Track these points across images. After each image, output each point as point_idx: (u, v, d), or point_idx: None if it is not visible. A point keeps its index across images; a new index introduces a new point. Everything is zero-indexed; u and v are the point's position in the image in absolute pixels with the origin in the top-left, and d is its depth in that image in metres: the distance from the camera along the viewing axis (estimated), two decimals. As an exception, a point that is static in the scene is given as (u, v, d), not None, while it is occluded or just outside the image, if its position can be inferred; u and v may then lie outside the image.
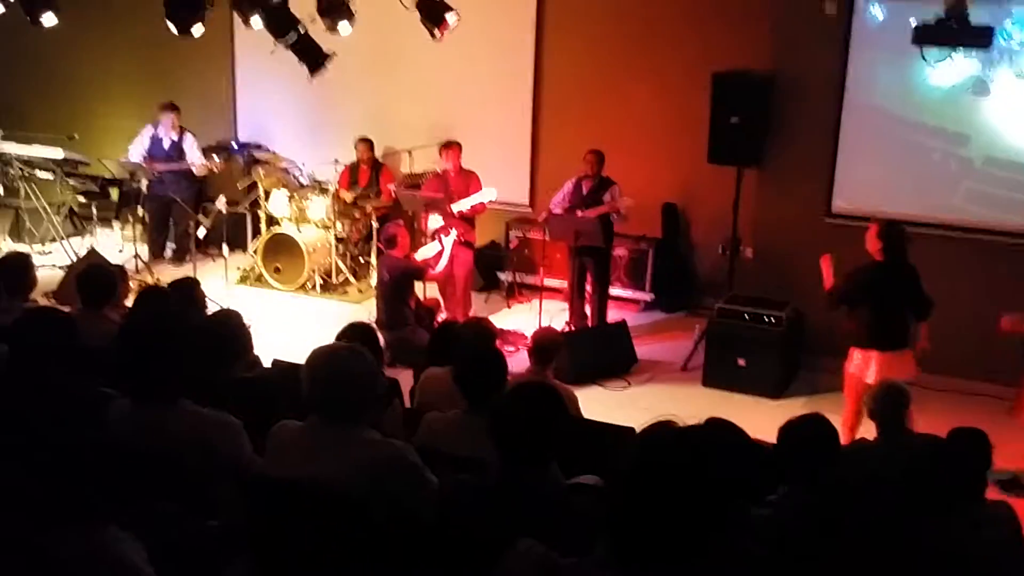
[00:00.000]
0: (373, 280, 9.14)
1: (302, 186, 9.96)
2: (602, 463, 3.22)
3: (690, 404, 7.25)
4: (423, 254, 8.38)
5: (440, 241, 8.48)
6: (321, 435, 3.16)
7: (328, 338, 3.98)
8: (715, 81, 8.16)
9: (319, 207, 9.61)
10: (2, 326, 3.75)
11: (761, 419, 3.03)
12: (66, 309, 4.96)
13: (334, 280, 9.65)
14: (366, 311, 8.57)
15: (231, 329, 4.20)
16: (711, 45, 8.79)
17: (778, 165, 8.35)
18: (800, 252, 7.48)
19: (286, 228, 9.56)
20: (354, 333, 4.54)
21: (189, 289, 5.16)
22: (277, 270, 9.58)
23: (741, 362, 7.56)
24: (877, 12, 7.92)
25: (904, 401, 4.81)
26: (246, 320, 4.38)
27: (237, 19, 6.85)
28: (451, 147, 8.57)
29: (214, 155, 10.07)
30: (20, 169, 10.10)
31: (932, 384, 6.81)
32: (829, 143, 8.15)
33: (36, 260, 6.31)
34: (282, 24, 6.11)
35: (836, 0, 7.88)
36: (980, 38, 6.19)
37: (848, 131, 8.10)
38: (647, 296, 9.39)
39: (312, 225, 9.65)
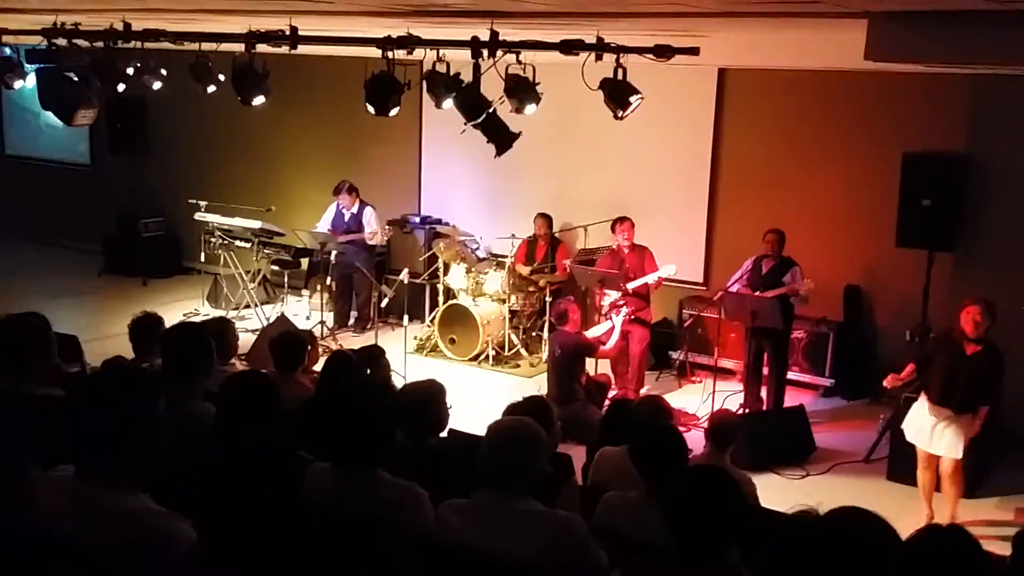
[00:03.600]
0: (544, 354, 9.21)
1: (479, 260, 10.21)
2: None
3: (874, 499, 6.86)
4: (595, 331, 8.39)
5: (611, 319, 8.48)
6: (490, 507, 3.19)
7: (499, 410, 4.02)
8: (905, 161, 7.90)
9: (495, 281, 9.81)
10: (209, 391, 3.97)
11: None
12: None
13: (506, 353, 9.78)
14: (537, 385, 8.61)
15: (436, 404, 4.27)
16: (900, 124, 8.54)
17: (974, 250, 7.95)
18: (998, 343, 7.04)
19: (462, 300, 9.80)
20: (528, 407, 4.56)
21: (375, 357, 5.32)
22: (452, 341, 9.80)
23: (930, 456, 7.12)
24: (1085, 91, 7.50)
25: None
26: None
27: (426, 99, 7.15)
28: (624, 222, 8.62)
29: (387, 226, 10.48)
30: (221, 238, 10.81)
31: None
32: (1030, 228, 7.70)
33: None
34: (473, 105, 6.33)
35: (1039, 80, 7.51)
36: None
37: (1051, 216, 7.64)
38: (826, 381, 9.05)
39: (487, 298, 9.85)
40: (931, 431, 6.46)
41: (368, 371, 4.99)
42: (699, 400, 8.47)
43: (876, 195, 8.48)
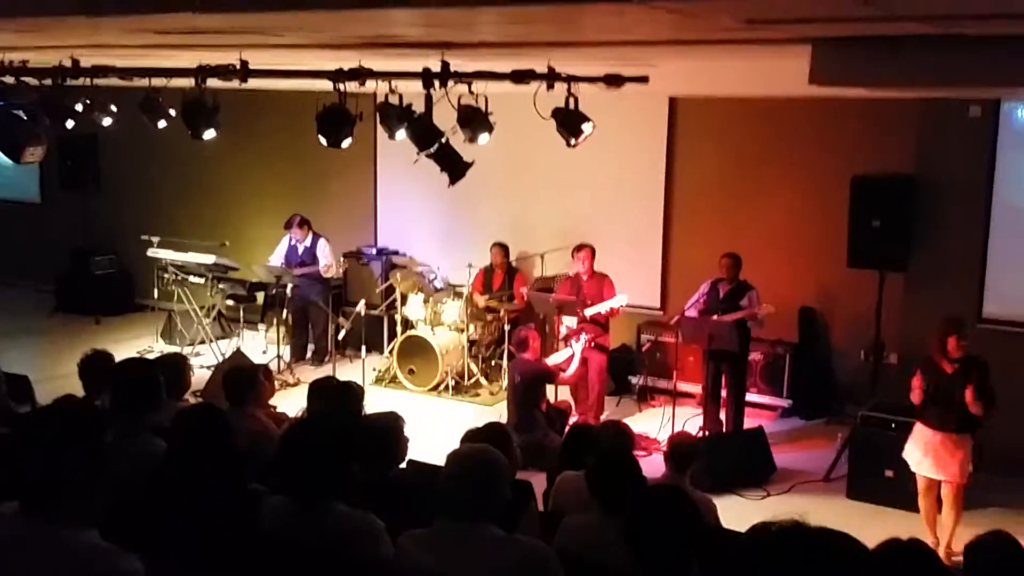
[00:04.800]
0: (504, 383, 9.19)
1: (437, 290, 10.19)
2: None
3: (835, 517, 6.90)
4: (555, 359, 8.40)
5: (571, 345, 8.49)
6: (451, 535, 3.17)
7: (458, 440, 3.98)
8: (854, 184, 8.05)
9: (453, 310, 9.80)
10: (161, 426, 3.92)
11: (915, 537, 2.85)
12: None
13: (466, 382, 9.75)
14: (497, 413, 8.59)
15: (394, 435, 4.23)
16: (849, 148, 8.70)
17: (924, 269, 8.10)
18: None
19: (421, 330, 9.77)
20: (486, 434, 4.54)
21: (357, 396, 5.22)
22: (411, 371, 9.75)
23: (889, 473, 7.19)
24: (1024, 113, 7.71)
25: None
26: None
27: (380, 130, 7.16)
28: (583, 249, 8.66)
29: (342, 258, 10.42)
30: (174, 274, 10.69)
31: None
32: (978, 246, 7.88)
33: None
34: (426, 136, 6.34)
35: (981, 103, 7.71)
36: None
37: (998, 234, 7.83)
38: (784, 402, 9.12)
39: (446, 328, 9.83)
40: (934, 457, 6.42)
41: (343, 407, 4.91)
42: (659, 424, 8.50)
43: (827, 217, 8.61)
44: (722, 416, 8.34)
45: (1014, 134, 7.76)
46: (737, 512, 6.69)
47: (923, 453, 6.50)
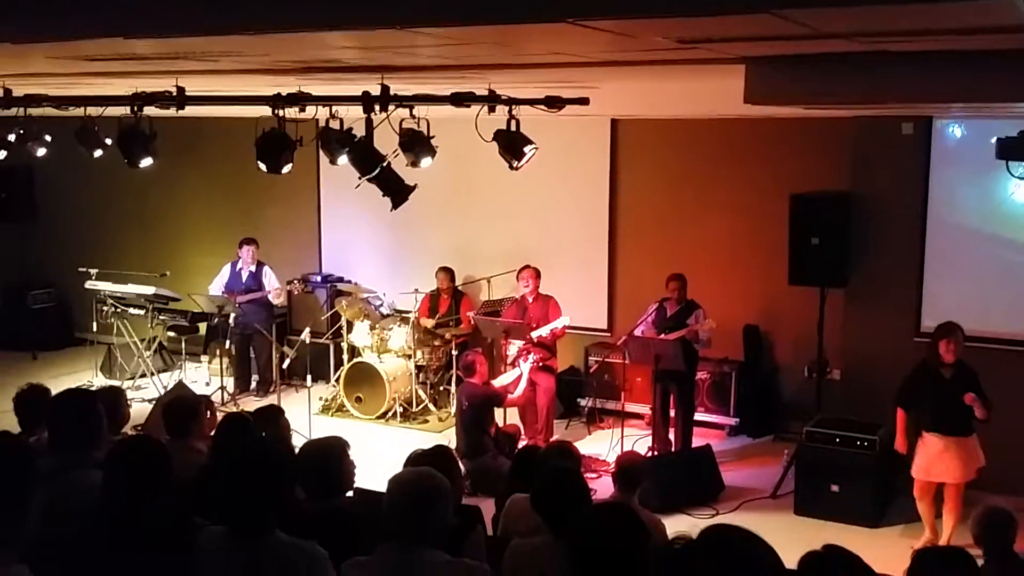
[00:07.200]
0: (453, 408, 9.14)
1: (383, 316, 10.12)
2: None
3: (783, 534, 6.94)
4: (502, 380, 8.37)
5: (519, 366, 8.47)
6: (395, 560, 3.13)
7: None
8: (793, 202, 8.17)
9: (399, 336, 9.73)
10: (97, 460, 3.82)
11: (862, 550, 2.86)
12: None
13: (414, 409, 9.67)
14: (446, 439, 8.51)
15: (337, 461, 4.15)
16: (788, 167, 8.84)
17: (863, 285, 8.24)
18: (890, 373, 7.26)
19: (367, 358, 9.68)
20: (431, 457, 4.49)
21: (273, 418, 5.20)
22: (359, 399, 9.65)
23: (835, 488, 7.28)
24: (956, 130, 7.90)
25: (1012, 526, 4.60)
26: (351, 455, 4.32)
27: (323, 156, 7.11)
28: (526, 270, 8.68)
29: (294, 280, 10.31)
30: (113, 306, 10.48)
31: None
32: (915, 262, 8.03)
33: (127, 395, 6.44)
34: (367, 160, 6.30)
35: (913, 120, 7.89)
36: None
37: (933, 249, 7.99)
38: (731, 420, 9.19)
39: (393, 354, 9.75)
40: (939, 461, 6.63)
41: (264, 432, 4.85)
42: (609, 446, 8.49)
43: (768, 236, 8.73)
44: (671, 436, 8.36)
45: (946, 151, 7.95)
46: (686, 531, 6.69)
47: (927, 461, 6.67)
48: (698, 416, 8.83)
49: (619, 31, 3.51)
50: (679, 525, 6.92)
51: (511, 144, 6.32)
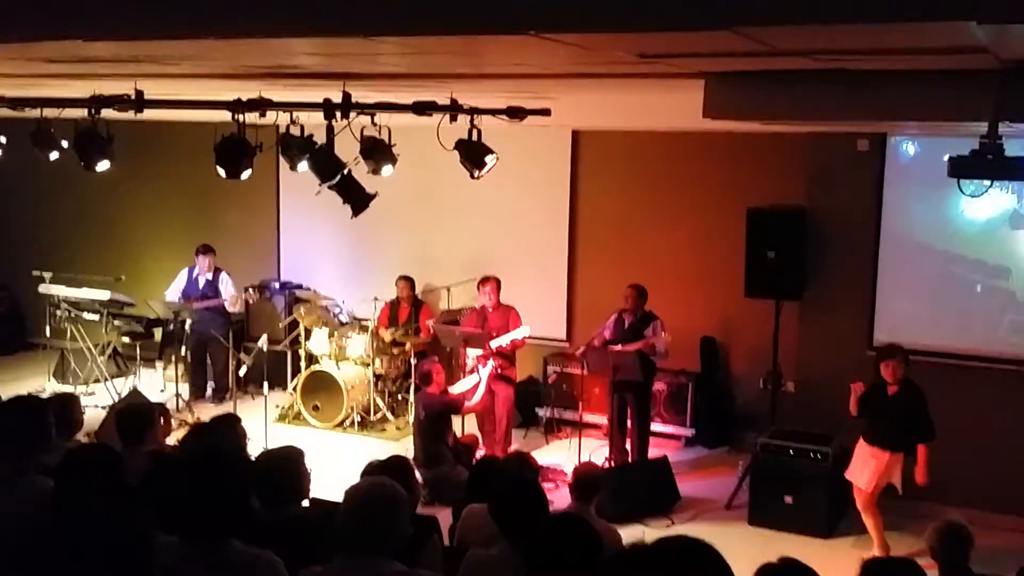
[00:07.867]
0: (411, 417, 9.11)
1: (342, 324, 10.07)
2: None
3: (736, 544, 6.99)
4: (459, 387, 8.37)
5: (477, 372, 8.47)
6: (351, 571, 3.12)
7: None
8: (749, 216, 8.27)
9: (358, 344, 9.69)
10: (49, 465, 3.76)
11: (815, 560, 2.90)
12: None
13: (372, 417, 9.63)
14: (404, 449, 8.50)
15: (293, 470, 4.12)
16: (745, 181, 8.94)
17: (818, 299, 8.36)
18: (843, 386, 7.36)
19: (325, 365, 9.63)
20: (387, 466, 4.48)
21: (230, 425, 5.15)
22: (316, 408, 9.59)
23: (788, 499, 7.36)
24: (909, 148, 8.05)
25: (968, 541, 4.65)
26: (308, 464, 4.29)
27: (283, 162, 7.08)
28: (488, 281, 8.68)
29: (249, 289, 10.22)
30: (67, 311, 10.32)
31: (990, 523, 6.58)
32: (868, 277, 8.17)
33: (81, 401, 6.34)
34: (328, 167, 6.29)
35: (868, 137, 8.03)
36: (1016, 170, 6.22)
37: (887, 264, 8.12)
38: (688, 431, 9.25)
39: (351, 362, 9.71)
40: (860, 465, 6.89)
41: (221, 440, 4.80)
42: (566, 456, 8.51)
43: (725, 249, 8.82)
44: (628, 446, 8.40)
45: (900, 167, 8.09)
46: (641, 541, 6.73)
47: (855, 463, 6.93)
48: (654, 427, 8.88)
49: (581, 44, 3.55)
50: (635, 535, 6.93)
51: (472, 153, 6.34)
